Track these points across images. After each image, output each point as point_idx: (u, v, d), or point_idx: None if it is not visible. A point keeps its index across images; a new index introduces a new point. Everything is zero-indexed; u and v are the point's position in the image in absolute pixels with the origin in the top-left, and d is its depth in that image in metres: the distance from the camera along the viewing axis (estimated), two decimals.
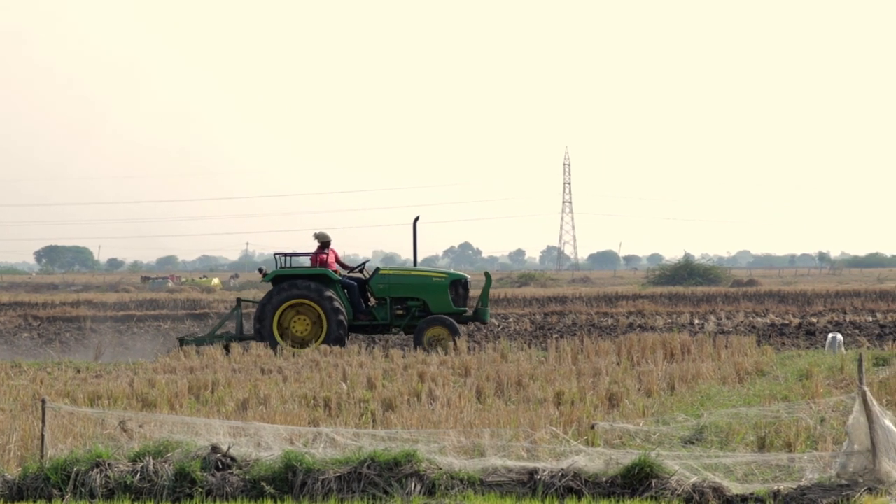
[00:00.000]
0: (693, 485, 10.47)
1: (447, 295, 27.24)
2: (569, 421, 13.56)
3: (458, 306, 27.34)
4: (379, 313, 27.33)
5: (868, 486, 9.85)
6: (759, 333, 32.02)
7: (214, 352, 24.79)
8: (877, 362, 20.78)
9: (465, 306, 27.59)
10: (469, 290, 28.12)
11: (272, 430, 12.37)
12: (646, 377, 17.96)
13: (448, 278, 27.67)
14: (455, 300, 27.34)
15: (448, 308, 27.13)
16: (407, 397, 16.45)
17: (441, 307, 27.13)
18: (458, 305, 27.33)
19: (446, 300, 27.19)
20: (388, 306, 27.33)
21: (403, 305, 27.45)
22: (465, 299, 27.70)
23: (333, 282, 27.03)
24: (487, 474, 10.93)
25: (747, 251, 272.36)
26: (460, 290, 27.60)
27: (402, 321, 27.35)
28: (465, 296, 27.71)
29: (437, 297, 27.22)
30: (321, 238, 27.64)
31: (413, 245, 28.65)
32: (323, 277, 26.99)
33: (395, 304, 27.45)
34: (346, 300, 27.00)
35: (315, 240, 27.73)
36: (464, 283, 27.80)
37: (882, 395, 15.08)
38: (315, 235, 27.72)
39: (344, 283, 27.30)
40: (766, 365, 20.56)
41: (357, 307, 27.24)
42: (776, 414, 13.19)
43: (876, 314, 40.87)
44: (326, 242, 27.61)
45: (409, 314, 27.29)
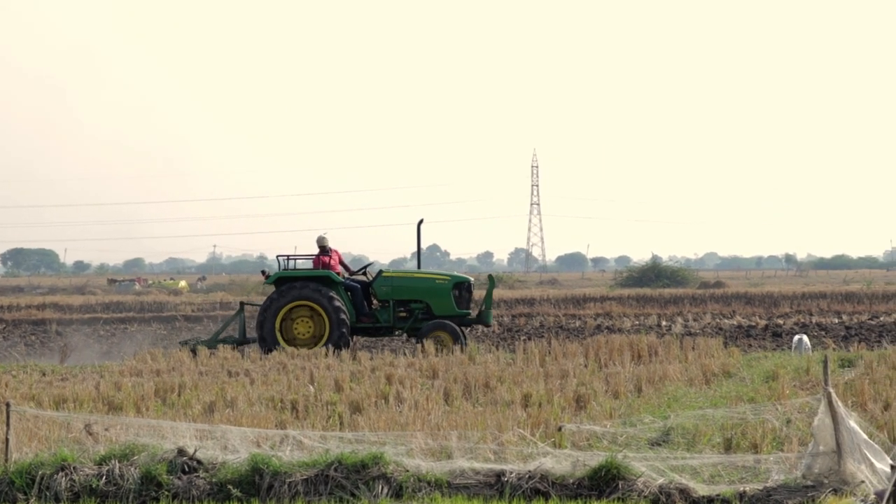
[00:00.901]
0: (660, 486, 10.49)
1: (450, 297, 27.21)
2: (536, 423, 13.56)
3: (462, 309, 27.34)
4: (382, 316, 27.26)
5: (833, 486, 9.90)
6: (726, 335, 32.14)
7: (181, 355, 24.68)
8: (843, 364, 20.89)
9: (468, 309, 27.61)
10: (472, 292, 28.17)
11: (239, 432, 12.33)
12: (613, 379, 17.99)
13: (451, 281, 27.65)
14: (458, 302, 27.33)
15: (451, 310, 27.10)
16: (374, 399, 16.42)
17: (444, 310, 27.09)
18: (461, 308, 27.32)
19: (449, 303, 27.16)
20: (392, 309, 27.24)
21: (406, 308, 27.33)
22: (468, 302, 27.72)
23: (336, 284, 26.97)
24: (455, 476, 10.93)
25: (714, 253, 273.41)
26: (463, 292, 27.60)
27: (405, 324, 27.23)
28: (468, 298, 27.73)
29: (441, 300, 27.19)
30: (320, 242, 27.67)
31: (417, 248, 28.65)
32: (325, 279, 26.92)
33: (398, 307, 27.33)
34: (349, 302, 26.94)
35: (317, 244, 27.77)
36: (467, 285, 27.81)
37: (848, 397, 15.15)
38: (317, 241, 27.76)
39: (347, 286, 27.26)
40: (733, 366, 20.63)
41: (360, 309, 27.17)
42: (742, 415, 13.22)
43: (842, 316, 41.09)
44: (323, 247, 27.61)
45: (412, 317, 27.18)
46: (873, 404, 14.64)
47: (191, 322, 44.59)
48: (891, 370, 18.57)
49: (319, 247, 27.61)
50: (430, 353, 23.84)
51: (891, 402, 14.69)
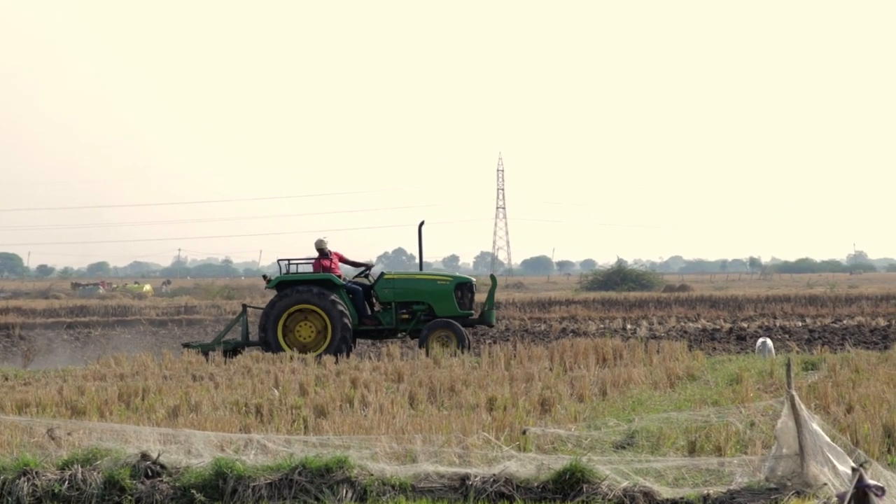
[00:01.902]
0: (624, 489, 10.51)
1: (452, 298, 27.27)
2: (501, 426, 13.56)
3: (464, 309, 27.39)
4: (384, 318, 27.32)
5: (796, 489, 9.93)
6: (691, 338, 32.25)
7: (145, 358, 24.56)
8: (806, 367, 21.00)
9: (470, 309, 27.65)
10: (474, 293, 28.18)
11: (203, 436, 12.28)
12: (578, 382, 18.01)
13: (453, 282, 27.73)
14: (460, 303, 27.39)
15: (453, 312, 27.15)
16: (339, 403, 16.39)
17: (446, 311, 27.14)
18: (463, 309, 27.38)
19: (451, 304, 27.21)
20: (394, 311, 27.30)
21: (409, 310, 27.38)
22: (470, 302, 27.75)
23: (338, 287, 26.97)
24: (419, 480, 10.92)
25: (679, 257, 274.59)
26: (466, 293, 27.64)
27: (408, 325, 27.27)
28: (470, 299, 27.77)
29: (443, 301, 27.24)
30: (318, 245, 27.64)
31: (419, 249, 28.60)
32: (327, 282, 26.92)
33: (401, 309, 27.39)
34: (350, 305, 26.94)
35: (315, 248, 27.73)
36: (469, 286, 27.86)
37: (811, 400, 15.22)
38: (315, 245, 27.71)
39: (349, 288, 27.27)
40: (698, 370, 20.69)
41: (362, 312, 27.20)
42: (707, 418, 13.26)
43: (805, 319, 41.27)
44: (321, 250, 27.59)
45: (414, 318, 27.24)
46: (836, 407, 14.71)
47: (155, 326, 44.38)
48: (854, 373, 18.68)
49: (318, 250, 27.63)
50: (396, 356, 23.83)
51: (853, 404, 14.77)
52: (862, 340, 30.24)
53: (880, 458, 11.47)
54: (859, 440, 12.07)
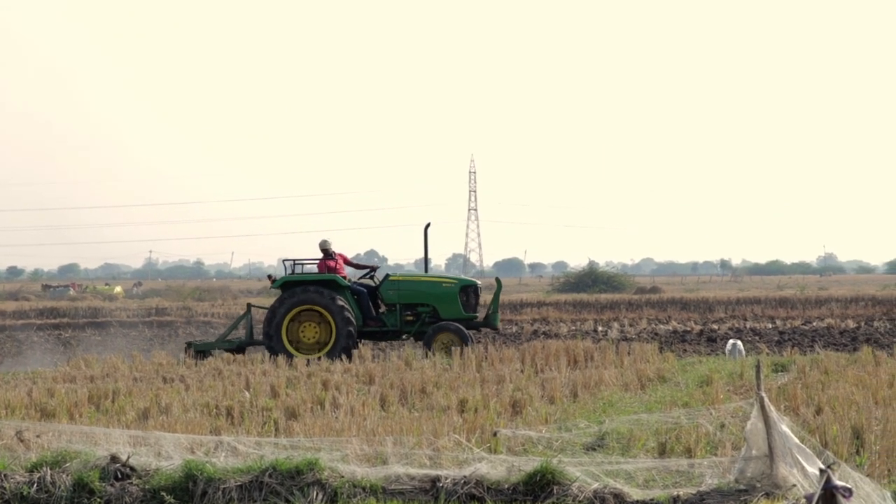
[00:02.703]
0: (594, 491, 10.52)
1: (457, 301, 27.27)
2: (472, 428, 13.56)
3: (468, 312, 27.38)
4: (389, 319, 27.31)
5: (765, 490, 9.96)
6: (662, 340, 32.35)
7: (116, 360, 24.49)
8: (776, 368, 21.09)
9: (475, 312, 27.66)
10: (479, 295, 28.18)
11: (173, 439, 12.24)
12: (549, 384, 18.04)
13: (458, 284, 27.76)
14: (465, 306, 27.39)
15: (458, 314, 27.15)
16: (310, 405, 16.38)
17: (451, 313, 27.14)
18: (468, 311, 27.38)
19: (456, 306, 27.22)
20: (398, 312, 27.29)
21: (413, 311, 27.41)
22: (475, 305, 27.74)
23: (343, 288, 26.95)
24: (390, 482, 10.91)
25: (651, 259, 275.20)
26: (470, 295, 27.65)
27: (412, 327, 27.29)
28: (475, 302, 27.75)
29: (447, 304, 27.23)
30: (322, 246, 27.58)
31: (424, 252, 28.59)
32: (332, 283, 26.88)
33: (405, 311, 27.41)
34: (355, 306, 26.93)
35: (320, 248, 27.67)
36: (474, 288, 27.88)
37: (780, 401, 15.29)
38: (319, 245, 27.66)
39: (353, 290, 27.25)
40: (668, 371, 20.76)
41: (367, 313, 27.19)
42: (677, 420, 13.30)
43: (775, 321, 41.44)
44: (325, 250, 27.54)
45: (418, 320, 27.26)
46: (805, 409, 14.78)
47: (126, 328, 44.26)
48: (823, 375, 18.77)
49: (322, 251, 27.60)
50: (367, 358, 23.82)
51: (822, 406, 14.84)
52: (831, 342, 30.39)
53: (849, 459, 11.52)
54: (828, 442, 12.12)
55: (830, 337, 32.71)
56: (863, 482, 9.60)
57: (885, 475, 10.97)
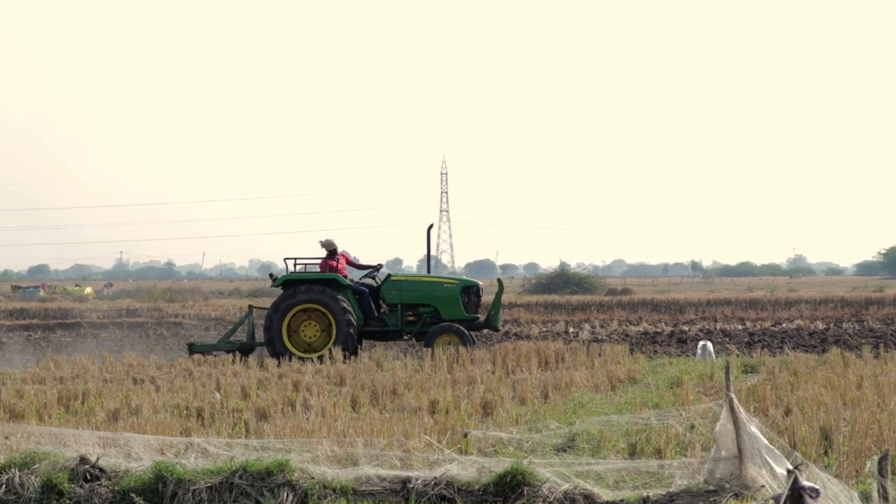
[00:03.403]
0: (564, 492, 10.54)
1: (458, 301, 27.22)
2: (443, 429, 13.57)
3: (470, 313, 27.34)
4: (389, 320, 27.25)
5: (734, 491, 10.00)
6: (632, 341, 32.41)
7: (86, 361, 24.39)
8: (745, 369, 21.17)
9: (476, 313, 27.60)
10: (481, 296, 28.14)
11: (143, 440, 12.20)
12: (520, 385, 18.06)
13: (459, 285, 27.68)
14: (466, 307, 27.33)
15: (459, 315, 27.10)
16: (281, 406, 16.35)
17: (452, 314, 27.10)
18: (469, 312, 27.33)
19: (458, 307, 27.17)
20: (399, 313, 27.24)
21: (414, 312, 27.34)
22: (476, 306, 27.68)
23: (344, 287, 26.88)
24: (360, 483, 10.90)
25: (622, 260, 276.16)
26: (472, 296, 27.59)
27: (413, 327, 27.24)
28: (476, 302, 27.69)
29: (449, 304, 27.18)
30: (328, 246, 27.55)
31: (427, 252, 28.54)
32: (333, 282, 26.81)
33: (406, 311, 27.33)
34: (356, 306, 26.86)
35: (322, 248, 27.61)
36: (475, 289, 27.81)
37: (750, 402, 15.36)
38: (321, 243, 27.63)
39: (355, 289, 27.17)
40: (639, 373, 20.81)
41: (368, 313, 27.11)
42: (647, 421, 13.33)
43: (745, 322, 41.59)
44: (333, 250, 27.51)
45: (420, 321, 27.20)
46: (775, 410, 14.85)
47: (96, 329, 44.06)
48: (792, 376, 18.86)
49: (328, 250, 27.55)
50: (338, 359, 23.79)
51: (792, 407, 14.91)
52: (801, 344, 30.51)
53: (817, 460, 11.58)
54: (797, 443, 12.17)
55: (800, 338, 32.83)
56: (831, 483, 9.64)
57: (852, 476, 11.02)
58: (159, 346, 36.00)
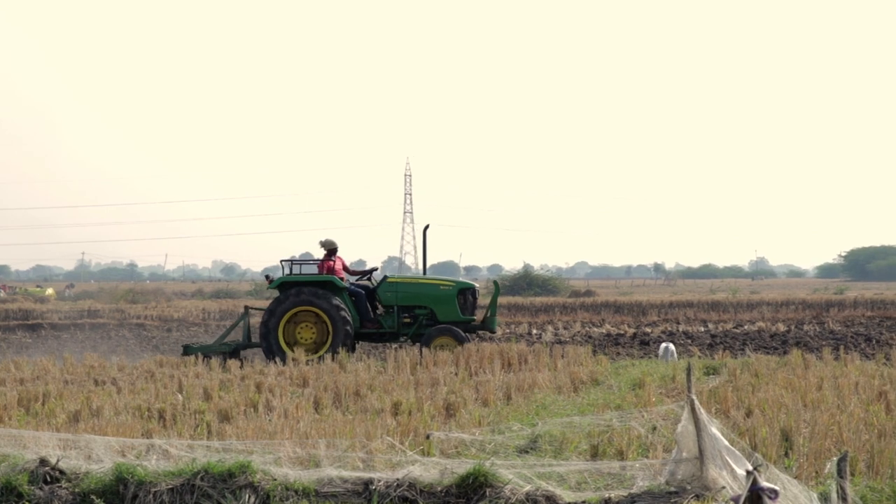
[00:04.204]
0: (526, 493, 10.55)
1: (455, 303, 27.22)
2: (406, 431, 13.58)
3: (466, 315, 27.36)
4: (386, 321, 27.23)
5: (695, 492, 10.04)
6: (595, 343, 32.49)
7: (46, 362, 24.26)
8: (707, 371, 21.25)
9: (473, 315, 27.62)
10: (477, 298, 28.13)
11: (103, 442, 12.14)
12: (483, 387, 18.08)
13: (456, 287, 27.63)
14: (463, 309, 27.36)
15: (456, 317, 27.12)
16: (243, 408, 16.31)
17: (448, 316, 27.11)
18: (465, 314, 27.35)
19: (454, 309, 27.18)
20: (396, 314, 27.23)
21: (411, 314, 27.35)
22: (473, 308, 27.70)
23: (340, 289, 26.83)
24: (322, 485, 10.88)
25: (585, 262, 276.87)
26: (468, 298, 27.62)
27: (410, 329, 27.23)
28: (473, 304, 27.71)
29: (445, 306, 27.19)
30: (327, 245, 27.48)
31: (423, 254, 28.49)
32: (330, 284, 26.75)
33: (403, 313, 27.34)
34: (352, 307, 26.81)
35: (321, 248, 27.52)
36: (472, 291, 27.81)
37: (711, 404, 15.43)
38: (321, 243, 27.59)
39: (351, 291, 27.11)
40: (601, 374, 20.86)
41: (364, 315, 27.07)
42: (609, 423, 13.37)
43: (708, 324, 41.75)
44: (333, 250, 27.44)
45: (416, 322, 27.20)
46: (736, 411, 14.91)
47: (58, 330, 43.82)
48: (753, 378, 18.95)
49: (327, 250, 27.46)
50: (301, 361, 23.75)
51: (753, 409, 14.99)
52: (762, 346, 30.66)
53: (777, 461, 11.65)
54: (758, 444, 12.24)
55: (761, 340, 33.00)
56: (791, 484, 9.70)
57: (812, 477, 11.09)
58: (121, 347, 35.84)
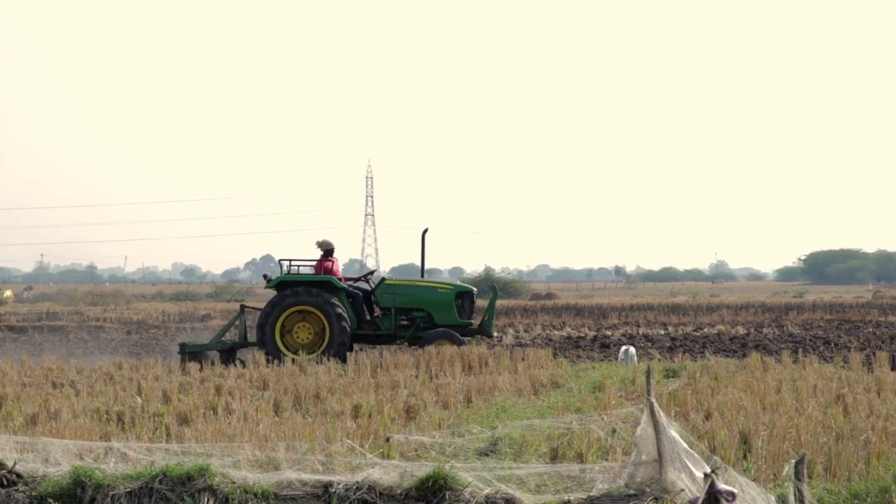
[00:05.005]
0: (486, 496, 10.54)
1: (452, 307, 27.20)
2: (366, 434, 13.56)
3: (463, 318, 27.31)
4: (383, 323, 27.19)
5: (654, 495, 10.07)
6: (556, 346, 32.57)
7: (4, 365, 24.09)
8: (667, 374, 21.32)
9: (470, 318, 27.59)
10: (475, 302, 28.06)
11: (61, 445, 12.06)
12: (443, 390, 18.07)
13: (454, 290, 27.61)
14: (460, 312, 27.33)
15: (453, 320, 27.10)
16: (203, 411, 16.25)
17: (446, 319, 27.10)
18: (463, 317, 27.32)
19: (451, 312, 27.15)
20: (393, 317, 27.18)
21: (408, 316, 27.30)
22: (470, 312, 27.67)
23: (338, 290, 26.73)
24: (282, 488, 10.85)
25: (546, 265, 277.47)
26: (466, 302, 27.56)
27: (407, 332, 27.17)
28: (470, 308, 27.67)
29: (442, 309, 27.16)
30: (324, 246, 27.38)
31: (421, 257, 28.43)
32: (327, 285, 26.66)
33: (400, 315, 27.29)
34: (350, 309, 26.71)
35: (318, 248, 27.42)
36: (469, 295, 27.75)
37: (671, 407, 15.48)
38: (318, 244, 27.48)
39: (349, 292, 27.07)
40: (562, 377, 20.89)
41: (361, 316, 27.05)
42: (569, 425, 13.38)
43: (668, 327, 41.97)
44: (330, 250, 27.33)
45: (413, 325, 27.14)
46: (695, 414, 14.96)
47: (16, 332, 43.53)
48: (713, 381, 19.02)
49: (324, 251, 27.35)
50: (261, 363, 23.67)
51: (712, 411, 15.04)
52: (721, 349, 30.81)
53: (736, 463, 11.69)
54: (716, 447, 12.28)
55: (721, 343, 33.16)
56: (749, 486, 9.75)
57: (770, 479, 11.14)
58: (80, 349, 35.66)
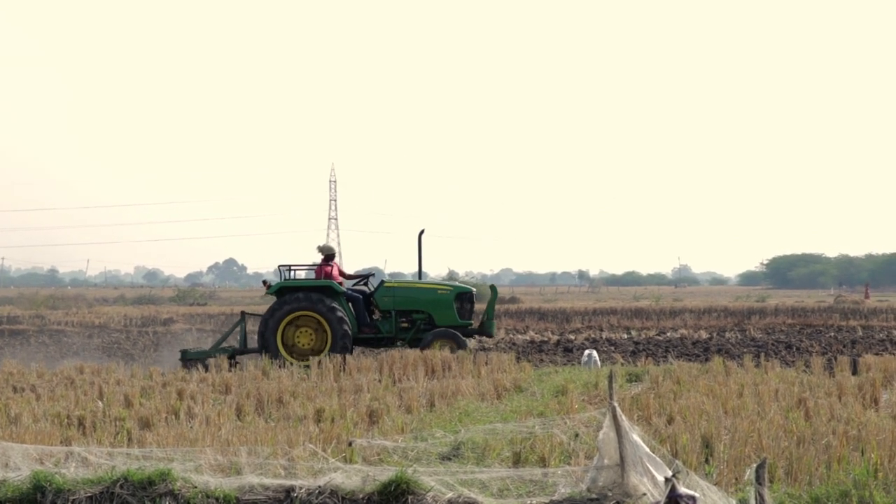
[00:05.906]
0: (449, 500, 10.55)
1: (452, 308, 27.24)
2: (328, 438, 13.54)
3: (463, 319, 27.35)
4: (384, 326, 27.21)
5: (616, 499, 10.08)
6: (519, 350, 32.56)
7: None
8: (630, 378, 21.36)
9: (470, 319, 27.63)
10: (474, 303, 28.11)
11: (21, 449, 11.98)
12: (406, 394, 18.07)
13: (453, 291, 27.64)
14: (460, 313, 27.38)
15: (453, 321, 27.13)
16: (165, 415, 16.18)
17: (446, 320, 27.13)
18: (462, 318, 27.37)
19: (451, 313, 27.19)
20: (393, 319, 27.21)
21: (408, 318, 27.33)
22: (470, 312, 27.71)
23: (338, 294, 26.72)
24: (244, 492, 10.82)
25: (510, 269, 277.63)
26: (465, 303, 27.62)
27: (407, 334, 27.17)
28: (470, 309, 27.71)
29: (442, 311, 27.19)
30: (325, 251, 27.34)
31: (418, 258, 28.37)
32: (327, 289, 26.65)
33: (400, 317, 27.33)
34: (350, 312, 26.66)
35: (319, 252, 27.37)
36: (469, 296, 27.80)
37: (634, 411, 15.51)
38: (319, 248, 27.45)
39: (349, 296, 27.06)
40: (524, 381, 20.90)
41: (361, 320, 27.05)
42: (532, 430, 13.39)
43: (631, 331, 42.04)
44: (330, 255, 27.27)
45: (413, 327, 27.15)
46: (658, 418, 15.01)
47: None
48: (675, 385, 19.08)
49: (325, 256, 27.32)
50: (224, 367, 23.60)
51: (674, 415, 15.08)
52: (684, 353, 30.89)
53: (698, 468, 11.73)
54: (679, 451, 12.32)
55: (684, 347, 33.24)
56: (710, 490, 9.78)
57: (732, 483, 11.19)
58: (41, 353, 35.46)
